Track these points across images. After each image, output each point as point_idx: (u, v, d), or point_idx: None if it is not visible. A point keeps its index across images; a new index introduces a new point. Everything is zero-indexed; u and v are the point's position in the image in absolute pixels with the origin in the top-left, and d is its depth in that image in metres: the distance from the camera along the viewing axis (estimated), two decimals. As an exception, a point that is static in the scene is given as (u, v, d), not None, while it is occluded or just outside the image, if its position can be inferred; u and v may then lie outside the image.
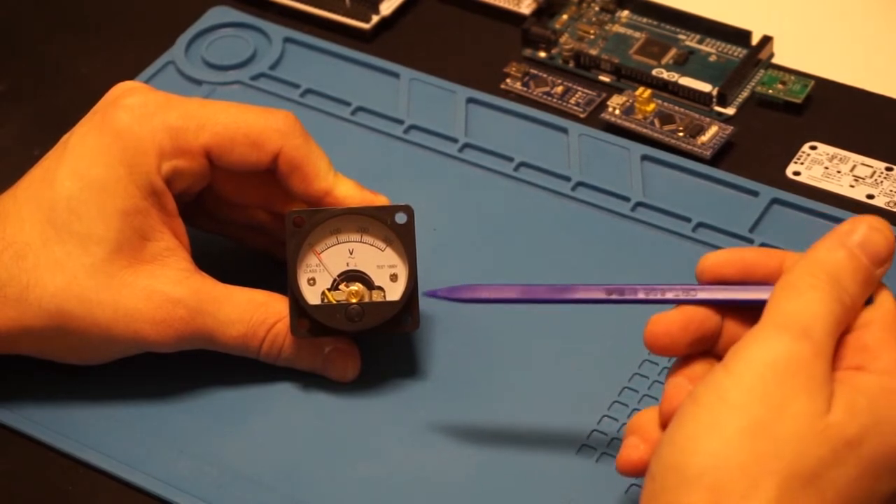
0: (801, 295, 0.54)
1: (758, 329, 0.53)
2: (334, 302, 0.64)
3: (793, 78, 0.77)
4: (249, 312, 0.65)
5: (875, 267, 0.55)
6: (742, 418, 0.51)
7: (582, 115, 0.78)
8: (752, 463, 0.51)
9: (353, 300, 0.64)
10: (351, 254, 0.64)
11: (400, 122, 0.77)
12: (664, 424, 0.56)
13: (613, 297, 0.58)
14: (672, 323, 0.57)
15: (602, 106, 0.78)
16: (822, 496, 0.51)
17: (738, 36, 0.79)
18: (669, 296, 0.57)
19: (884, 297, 0.55)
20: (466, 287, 0.60)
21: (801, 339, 0.52)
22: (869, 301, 0.55)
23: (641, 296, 0.58)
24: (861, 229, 0.55)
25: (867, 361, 0.53)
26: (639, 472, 0.57)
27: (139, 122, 0.64)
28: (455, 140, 0.76)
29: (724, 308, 0.57)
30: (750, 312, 0.56)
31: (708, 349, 0.58)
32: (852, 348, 0.54)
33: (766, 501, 0.50)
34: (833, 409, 0.52)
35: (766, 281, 0.56)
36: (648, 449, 0.56)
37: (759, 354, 0.52)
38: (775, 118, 0.77)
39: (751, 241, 0.70)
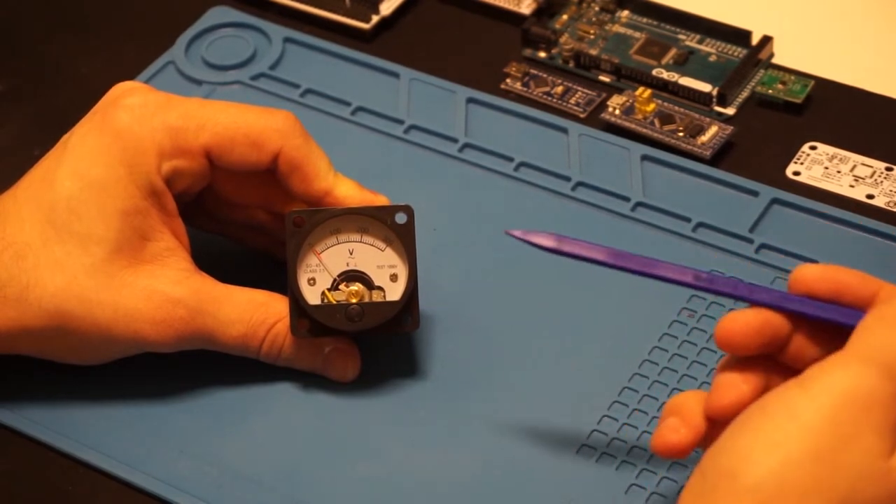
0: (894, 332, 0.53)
1: (843, 355, 0.53)
2: (334, 302, 0.64)
3: (793, 78, 0.77)
4: (249, 312, 0.65)
5: None
6: (809, 441, 0.51)
7: (582, 115, 0.78)
8: (810, 489, 0.50)
9: (353, 300, 0.64)
10: (351, 254, 0.64)
11: (400, 122, 0.77)
12: (711, 416, 0.55)
13: (701, 283, 0.57)
14: (749, 324, 0.56)
15: (602, 106, 0.78)
16: None
17: (738, 36, 0.79)
18: (758, 297, 0.56)
19: None
20: (551, 235, 0.58)
21: (886, 379, 0.52)
22: None
23: (728, 290, 0.57)
24: None
25: None
26: (674, 455, 0.56)
27: (139, 123, 0.64)
28: (455, 140, 0.76)
29: (801, 320, 0.56)
30: (825, 332, 0.56)
31: (769, 354, 0.57)
32: None
33: None
34: None
35: (855, 306, 0.55)
36: (689, 434, 0.56)
37: (840, 382, 0.52)
38: (775, 118, 0.77)
39: (750, 242, 0.70)
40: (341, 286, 0.64)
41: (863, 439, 0.51)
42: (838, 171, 0.74)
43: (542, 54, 0.80)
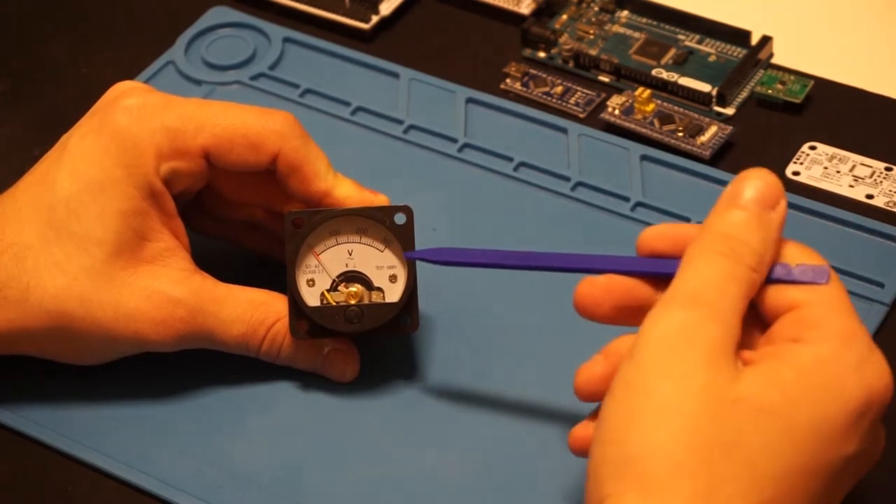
0: (690, 264, 0.54)
1: (653, 309, 0.54)
2: (333, 303, 0.64)
3: (792, 78, 0.77)
4: (249, 312, 0.65)
5: (766, 211, 0.55)
6: (651, 401, 0.51)
7: (581, 115, 0.78)
8: (671, 443, 0.50)
9: (353, 301, 0.64)
10: (350, 255, 0.64)
11: (400, 122, 0.77)
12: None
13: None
14: (596, 286, 0.58)
15: (602, 106, 0.78)
16: (753, 466, 0.51)
17: (738, 36, 0.79)
18: (607, 266, 0.59)
19: (830, 281, 0.55)
20: (443, 250, 0.62)
21: (691, 307, 0.53)
22: (816, 282, 0.55)
23: (569, 264, 0.60)
24: (742, 182, 0.55)
25: (803, 333, 0.53)
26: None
27: (138, 124, 0.64)
28: (455, 140, 0.76)
29: (656, 281, 0.57)
30: None
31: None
32: (790, 323, 0.54)
33: (692, 479, 0.50)
34: (746, 380, 0.52)
35: None
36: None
37: (651, 334, 0.53)
38: (775, 118, 0.77)
39: (750, 242, 0.70)
40: (340, 287, 0.64)
41: (698, 378, 0.51)
42: (838, 171, 0.74)
43: (542, 54, 0.81)
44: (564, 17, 0.82)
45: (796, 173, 0.74)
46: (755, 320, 0.55)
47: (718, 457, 0.50)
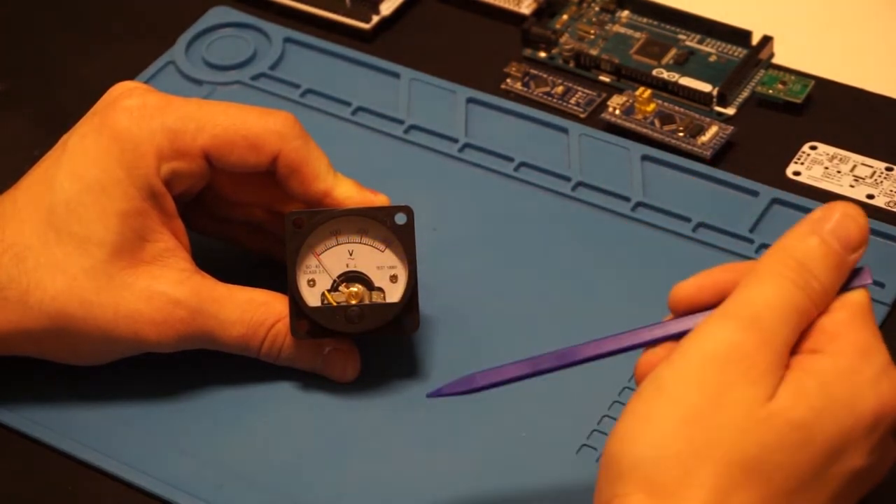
0: (760, 283, 0.53)
1: (706, 319, 0.53)
2: (334, 304, 0.64)
3: (793, 78, 0.77)
4: (250, 312, 0.65)
5: (847, 253, 0.54)
6: (677, 408, 0.51)
7: (582, 115, 0.78)
8: (687, 453, 0.51)
9: (353, 301, 0.64)
10: (351, 255, 0.64)
11: (400, 122, 0.77)
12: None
13: (616, 347, 0.57)
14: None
15: (602, 106, 0.78)
16: (769, 481, 0.51)
17: (738, 36, 0.79)
18: (664, 333, 0.57)
19: (856, 291, 0.55)
20: (462, 380, 0.59)
21: (746, 328, 0.52)
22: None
23: (629, 343, 0.57)
24: (834, 216, 0.55)
25: (823, 344, 0.53)
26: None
27: (138, 124, 0.64)
28: (455, 140, 0.76)
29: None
30: None
31: None
32: (813, 333, 0.54)
33: (703, 489, 0.50)
34: (778, 395, 0.51)
35: None
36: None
37: (700, 345, 0.53)
38: (775, 118, 0.77)
39: (751, 242, 0.70)
40: (341, 287, 0.64)
41: (732, 392, 0.51)
42: (838, 171, 0.74)
43: (543, 54, 0.80)
44: (565, 16, 0.82)
45: (797, 173, 0.74)
46: None
47: (736, 472, 0.50)
